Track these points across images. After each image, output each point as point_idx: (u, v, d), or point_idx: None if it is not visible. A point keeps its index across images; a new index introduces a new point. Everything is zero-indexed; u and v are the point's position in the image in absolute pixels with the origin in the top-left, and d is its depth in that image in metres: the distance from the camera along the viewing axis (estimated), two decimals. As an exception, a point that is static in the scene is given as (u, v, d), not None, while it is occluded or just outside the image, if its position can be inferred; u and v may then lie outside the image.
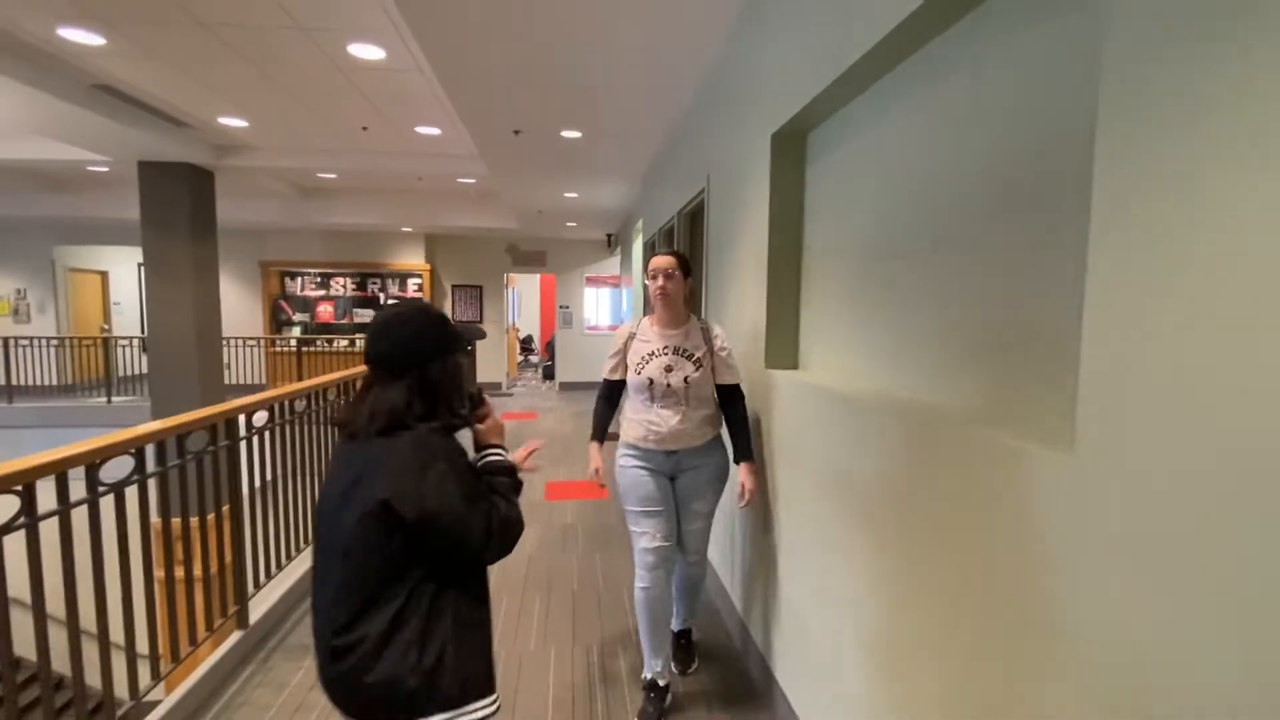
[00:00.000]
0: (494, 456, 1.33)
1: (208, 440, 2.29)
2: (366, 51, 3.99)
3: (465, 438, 1.31)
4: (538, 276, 14.11)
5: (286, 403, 2.92)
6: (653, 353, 2.13)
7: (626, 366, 2.19)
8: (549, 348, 12.19)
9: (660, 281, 2.11)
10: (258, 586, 2.65)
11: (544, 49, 2.99)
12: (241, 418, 2.54)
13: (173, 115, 5.40)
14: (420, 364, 1.19)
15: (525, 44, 2.93)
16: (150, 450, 2.00)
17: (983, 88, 1.26)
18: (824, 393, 1.79)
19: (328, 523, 1.16)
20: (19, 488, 1.53)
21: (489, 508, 1.18)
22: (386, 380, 1.18)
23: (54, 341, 8.76)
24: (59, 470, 1.64)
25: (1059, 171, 1.05)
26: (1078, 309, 0.90)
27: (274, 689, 2.28)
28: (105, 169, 7.12)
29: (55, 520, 1.63)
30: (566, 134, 4.29)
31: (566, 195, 6.71)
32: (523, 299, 15.28)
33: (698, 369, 2.11)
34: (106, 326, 10.59)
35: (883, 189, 1.65)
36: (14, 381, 8.16)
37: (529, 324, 15.41)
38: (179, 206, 6.22)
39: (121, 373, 9.01)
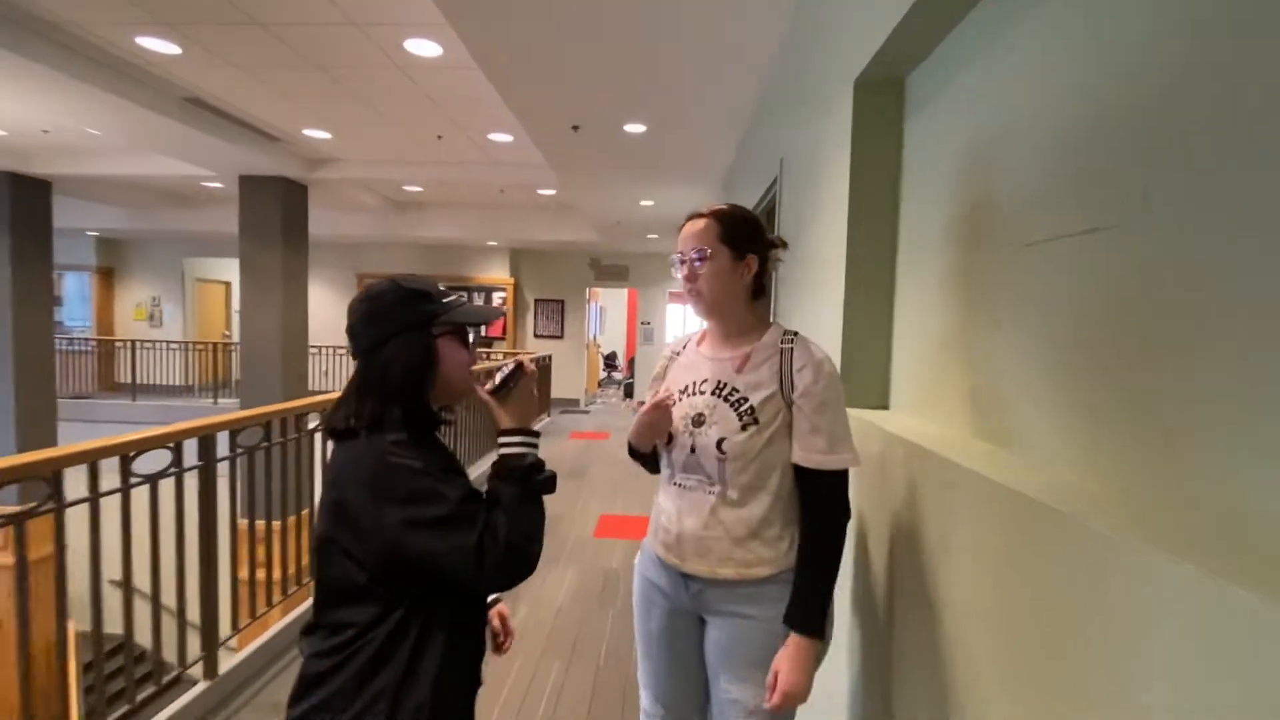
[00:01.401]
0: (509, 450, 0.98)
1: (170, 461, 2.01)
2: (422, 48, 3.80)
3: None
4: (625, 292, 13.88)
5: (281, 421, 2.64)
6: (686, 387, 1.23)
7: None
8: (632, 365, 11.85)
9: (686, 269, 1.20)
10: (235, 629, 2.34)
11: (592, 29, 2.56)
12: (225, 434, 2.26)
13: (263, 129, 5.56)
14: (372, 350, 0.97)
15: (571, 24, 2.52)
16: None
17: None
18: (915, 448, 1.16)
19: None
20: None
21: (482, 531, 0.89)
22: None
23: (173, 345, 9.53)
24: None
25: None
26: None
27: (223, 761, 1.93)
28: (220, 185, 7.59)
29: None
30: (629, 128, 3.86)
31: (642, 203, 6.30)
32: (607, 315, 15.12)
33: (746, 428, 1.13)
34: (228, 333, 11.46)
35: (1026, 137, 1.02)
36: (139, 381, 8.90)
37: (615, 340, 15.21)
38: (273, 218, 6.45)
39: (236, 376, 9.63)
